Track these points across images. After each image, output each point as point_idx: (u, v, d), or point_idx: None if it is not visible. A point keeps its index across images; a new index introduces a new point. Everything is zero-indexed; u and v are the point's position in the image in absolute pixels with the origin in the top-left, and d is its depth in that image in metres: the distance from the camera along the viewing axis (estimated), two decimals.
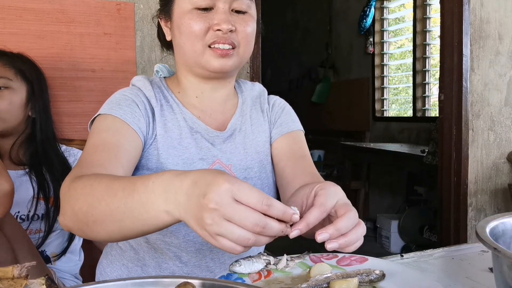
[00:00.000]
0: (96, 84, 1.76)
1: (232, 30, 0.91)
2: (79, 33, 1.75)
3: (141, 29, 1.87)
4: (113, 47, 1.80)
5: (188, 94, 1.01)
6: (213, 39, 0.91)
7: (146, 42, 1.89)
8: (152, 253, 0.98)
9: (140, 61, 1.88)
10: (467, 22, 2.38)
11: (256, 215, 0.56)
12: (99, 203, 0.67)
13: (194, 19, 0.91)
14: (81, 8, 1.75)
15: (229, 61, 0.93)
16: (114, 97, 0.96)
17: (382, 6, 4.58)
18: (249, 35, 0.95)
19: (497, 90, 2.50)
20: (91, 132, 0.92)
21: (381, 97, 4.63)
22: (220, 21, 0.90)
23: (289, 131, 1.07)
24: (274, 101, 1.12)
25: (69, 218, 0.72)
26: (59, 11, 1.73)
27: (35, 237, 1.36)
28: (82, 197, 0.70)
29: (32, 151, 1.41)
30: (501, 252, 0.56)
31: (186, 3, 0.92)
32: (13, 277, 0.53)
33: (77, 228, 0.72)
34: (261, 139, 1.06)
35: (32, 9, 1.69)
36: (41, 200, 1.38)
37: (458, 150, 2.44)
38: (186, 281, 0.52)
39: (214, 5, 0.91)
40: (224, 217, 0.55)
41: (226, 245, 0.56)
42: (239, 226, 0.55)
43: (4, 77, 1.37)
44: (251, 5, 0.96)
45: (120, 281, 0.53)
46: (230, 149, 1.00)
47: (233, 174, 0.99)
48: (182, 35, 0.93)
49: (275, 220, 0.57)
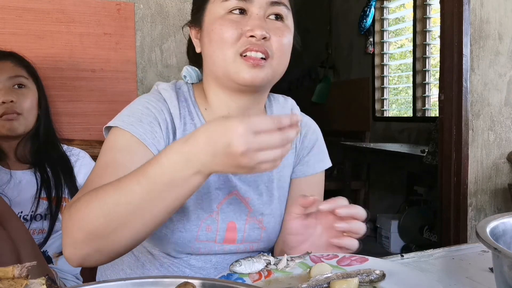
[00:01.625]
0: (96, 84, 1.76)
1: (266, 38, 0.84)
2: (79, 33, 1.75)
3: (141, 29, 1.87)
4: (113, 47, 1.80)
5: (215, 112, 0.94)
6: (245, 46, 0.84)
7: (146, 42, 1.89)
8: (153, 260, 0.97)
9: (140, 61, 1.88)
10: (467, 22, 2.38)
11: (277, 135, 0.63)
12: (117, 207, 0.66)
13: (226, 24, 0.85)
14: (81, 8, 1.75)
15: (261, 73, 0.85)
16: (136, 108, 0.89)
17: (382, 6, 4.57)
18: (284, 45, 0.88)
19: (497, 90, 2.50)
20: (105, 145, 0.86)
21: (381, 97, 4.63)
22: (253, 27, 0.83)
23: (313, 174, 1.02)
24: (306, 130, 1.03)
25: (80, 244, 0.68)
26: (59, 11, 1.73)
27: (38, 238, 1.36)
28: (92, 213, 0.67)
29: (36, 149, 1.42)
30: (501, 252, 0.56)
31: (218, 8, 0.86)
32: (13, 277, 0.53)
33: (94, 250, 0.69)
34: (284, 173, 1.00)
35: (32, 9, 1.69)
36: (44, 200, 1.38)
37: (458, 150, 2.44)
38: (186, 281, 0.52)
39: (248, 9, 0.86)
40: (256, 150, 0.62)
41: (267, 167, 0.64)
42: (271, 149, 0.63)
43: (21, 76, 1.38)
44: (288, 15, 0.90)
45: (120, 281, 0.53)
46: (250, 181, 0.95)
47: (250, 209, 0.94)
48: (212, 43, 0.86)
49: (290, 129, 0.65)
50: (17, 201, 1.33)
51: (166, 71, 1.93)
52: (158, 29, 1.90)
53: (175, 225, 0.89)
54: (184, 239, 0.90)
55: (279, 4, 0.88)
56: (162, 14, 1.91)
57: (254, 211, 0.95)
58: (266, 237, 0.96)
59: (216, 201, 0.92)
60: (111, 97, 1.74)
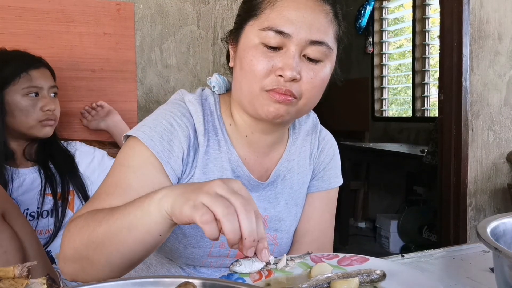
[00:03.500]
0: (96, 84, 1.76)
1: (296, 79, 0.79)
2: (79, 33, 1.75)
3: (141, 29, 1.87)
4: (113, 47, 1.80)
5: (239, 130, 0.90)
6: (272, 86, 0.79)
7: (146, 42, 1.89)
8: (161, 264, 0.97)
9: (140, 61, 1.88)
10: (466, 22, 2.38)
11: (248, 200, 0.61)
12: (99, 226, 0.68)
13: (258, 57, 0.79)
14: (80, 8, 1.75)
15: (285, 109, 0.80)
16: (160, 122, 0.84)
17: (381, 6, 4.58)
18: (316, 87, 0.82)
19: (496, 90, 2.50)
20: (121, 156, 0.83)
21: (380, 97, 4.63)
22: (284, 66, 0.78)
23: (328, 189, 1.00)
24: (323, 146, 1.01)
25: (69, 260, 0.71)
26: (59, 11, 1.72)
27: (45, 237, 1.38)
28: (83, 229, 0.70)
29: (39, 147, 1.45)
30: (502, 252, 0.56)
31: (254, 36, 0.81)
32: (14, 277, 0.53)
33: (79, 268, 0.71)
34: (303, 190, 0.98)
35: (32, 9, 1.69)
36: (49, 196, 1.40)
37: (457, 150, 2.44)
38: (186, 281, 0.52)
39: (285, 45, 0.79)
40: (223, 201, 0.59)
41: (205, 219, 0.58)
42: (231, 217, 0.58)
43: (55, 86, 1.46)
44: (328, 54, 0.82)
45: (120, 281, 0.53)
46: (269, 198, 0.93)
47: (266, 225, 0.93)
48: (242, 71, 0.82)
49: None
50: (24, 199, 1.37)
51: (165, 71, 1.93)
52: (158, 29, 1.90)
53: (188, 241, 0.88)
54: (196, 255, 0.89)
55: (321, 44, 0.81)
56: (162, 14, 1.90)
57: (269, 228, 0.94)
58: (278, 253, 0.95)
59: None
60: (110, 97, 1.74)
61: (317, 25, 0.80)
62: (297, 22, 0.79)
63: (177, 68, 1.95)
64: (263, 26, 0.80)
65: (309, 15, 0.80)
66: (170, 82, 1.94)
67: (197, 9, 1.96)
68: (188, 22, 1.95)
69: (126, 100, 1.81)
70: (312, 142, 1.00)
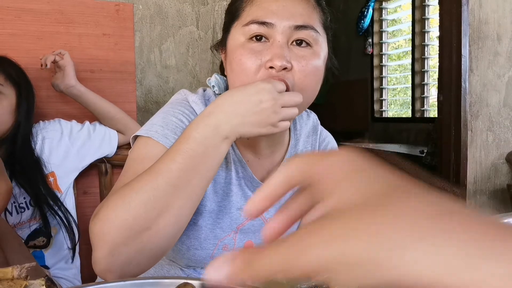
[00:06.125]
0: (95, 84, 1.75)
1: (287, 68, 0.76)
2: (78, 34, 1.75)
3: (140, 29, 1.87)
4: (112, 48, 1.80)
5: None
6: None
7: (145, 43, 1.89)
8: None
9: (139, 62, 1.88)
10: (465, 23, 2.38)
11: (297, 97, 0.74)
12: (156, 191, 0.65)
13: (245, 54, 0.78)
14: (80, 8, 1.75)
15: None
16: (170, 119, 0.83)
17: (380, 7, 4.58)
18: (309, 75, 0.79)
19: (495, 90, 2.50)
20: (134, 154, 0.81)
21: (379, 98, 4.64)
22: (273, 56, 0.76)
23: None
24: (324, 147, 1.01)
25: (120, 247, 0.64)
26: (58, 12, 1.72)
27: (27, 227, 1.35)
28: (130, 206, 0.64)
29: (10, 153, 1.39)
30: None
31: (240, 35, 0.80)
32: (12, 278, 0.53)
33: (134, 251, 0.65)
34: None
35: (31, 9, 1.69)
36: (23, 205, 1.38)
37: (457, 151, 2.44)
38: (186, 281, 0.52)
39: (270, 37, 0.78)
40: (281, 106, 0.72)
41: (286, 125, 0.74)
42: (291, 106, 0.73)
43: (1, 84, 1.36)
44: (318, 39, 0.81)
45: (120, 281, 0.53)
46: None
47: None
48: (234, 72, 0.81)
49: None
50: None
51: (165, 72, 1.93)
52: (157, 29, 1.90)
53: (191, 242, 0.88)
54: (199, 256, 0.89)
55: (306, 28, 0.79)
56: (161, 14, 1.90)
57: None
58: None
59: (237, 221, 0.90)
60: (110, 97, 1.74)
61: (299, 11, 0.80)
62: (278, 11, 0.78)
63: (177, 69, 1.95)
64: (246, 21, 0.80)
65: (289, 3, 0.80)
66: (170, 82, 1.94)
67: (196, 10, 1.96)
68: (187, 23, 1.95)
69: (125, 101, 1.81)
70: (313, 144, 1.00)
